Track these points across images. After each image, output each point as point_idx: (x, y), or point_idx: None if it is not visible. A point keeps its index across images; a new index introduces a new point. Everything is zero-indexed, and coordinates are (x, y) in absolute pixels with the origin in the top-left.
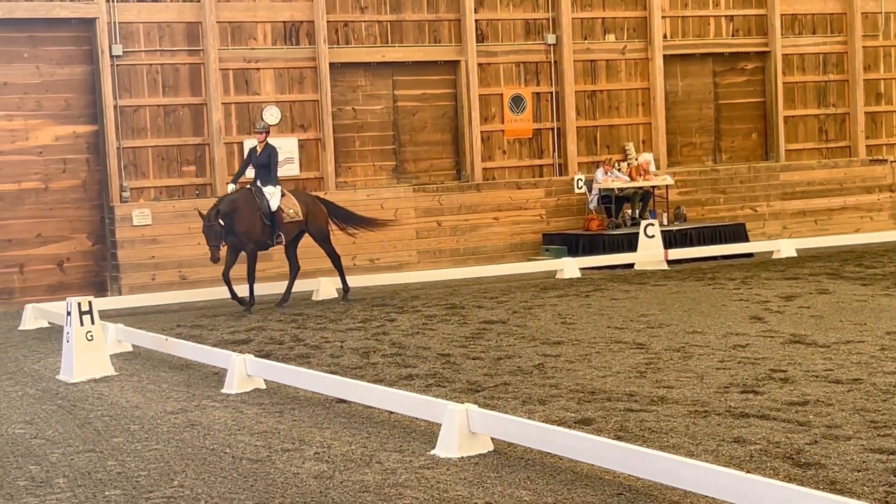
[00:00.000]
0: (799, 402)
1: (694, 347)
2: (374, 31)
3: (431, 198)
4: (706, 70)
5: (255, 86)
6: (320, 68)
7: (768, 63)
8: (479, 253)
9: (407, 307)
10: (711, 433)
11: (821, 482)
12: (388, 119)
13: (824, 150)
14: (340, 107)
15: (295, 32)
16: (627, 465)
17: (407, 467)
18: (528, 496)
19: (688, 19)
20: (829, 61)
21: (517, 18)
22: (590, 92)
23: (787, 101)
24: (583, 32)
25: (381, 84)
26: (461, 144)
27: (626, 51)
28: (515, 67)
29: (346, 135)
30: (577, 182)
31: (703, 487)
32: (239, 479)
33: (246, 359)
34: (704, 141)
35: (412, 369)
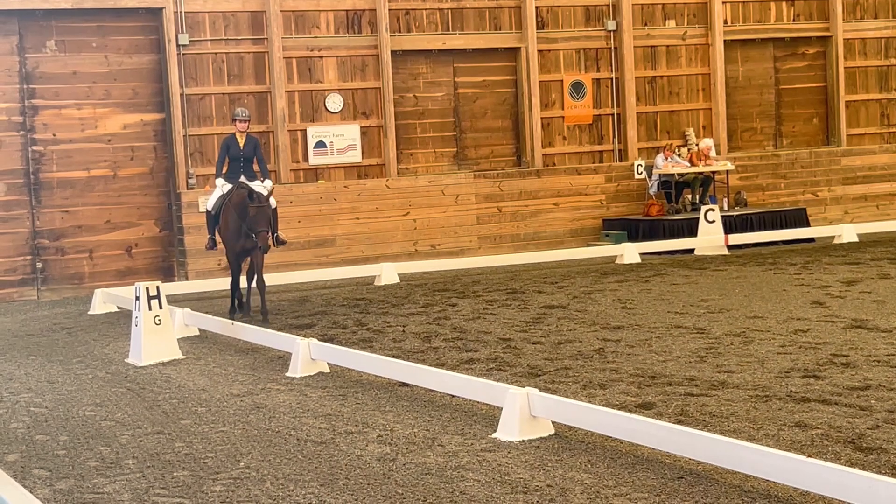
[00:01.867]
0: (860, 386)
1: (754, 332)
2: (435, 18)
3: (492, 184)
4: (767, 55)
5: (318, 74)
6: (382, 56)
7: (829, 48)
8: (539, 238)
9: (468, 292)
10: (772, 417)
11: (882, 467)
12: (448, 106)
13: (886, 135)
14: (402, 94)
15: (357, 21)
16: (688, 448)
17: (468, 450)
18: (588, 479)
19: (748, 4)
20: (891, 46)
21: (577, 5)
22: (650, 78)
23: (848, 85)
24: (643, 18)
25: (442, 71)
26: (521, 131)
27: (687, 36)
28: (575, 54)
29: (407, 122)
30: (637, 168)
31: (764, 471)
32: (303, 461)
33: (310, 343)
34: (765, 126)
35: (473, 353)
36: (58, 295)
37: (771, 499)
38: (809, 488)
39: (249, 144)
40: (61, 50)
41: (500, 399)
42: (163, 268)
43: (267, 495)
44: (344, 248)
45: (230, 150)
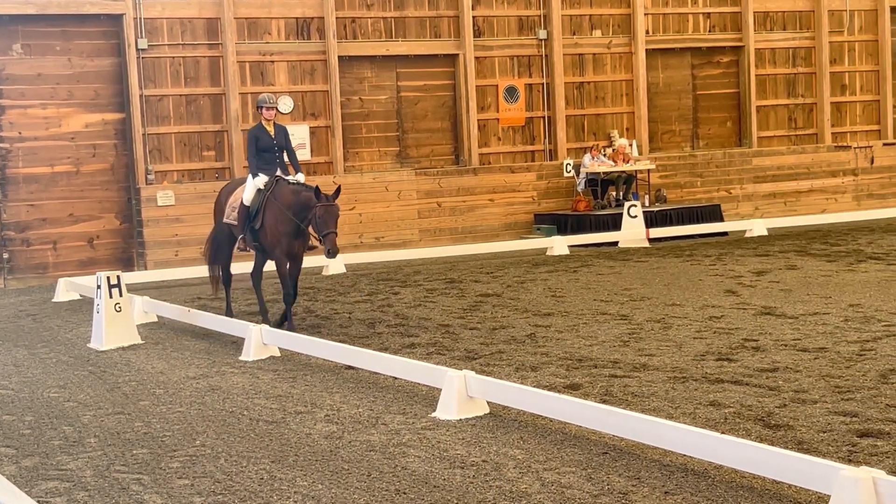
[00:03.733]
0: (769, 368)
1: (673, 319)
2: (380, 26)
3: (432, 181)
4: (685, 63)
5: (269, 77)
6: (330, 61)
7: (742, 57)
8: (475, 232)
9: (409, 281)
10: (689, 397)
11: (789, 442)
12: (392, 108)
13: (793, 137)
14: (348, 97)
15: (306, 28)
16: (612, 426)
17: (410, 428)
18: (520, 455)
19: (668, 16)
20: (798, 55)
21: (511, 15)
22: (578, 83)
23: (759, 92)
24: (571, 28)
25: (385, 76)
26: (459, 131)
27: (612, 45)
28: (510, 60)
29: (353, 122)
30: (566, 166)
31: (682, 447)
32: (256, 439)
33: (262, 329)
34: (683, 129)
35: (414, 338)
36: (23, 284)
37: (688, 472)
38: (723, 462)
39: (280, 133)
40: (27, 53)
41: (439, 381)
42: (123, 258)
43: (221, 471)
44: None
45: (259, 140)
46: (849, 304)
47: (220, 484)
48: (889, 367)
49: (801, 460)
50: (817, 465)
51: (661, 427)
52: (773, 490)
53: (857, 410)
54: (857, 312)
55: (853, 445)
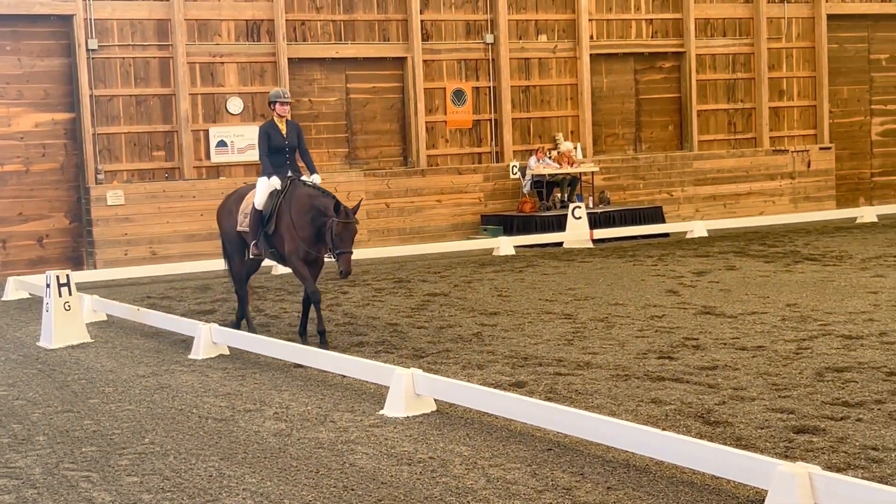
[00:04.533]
0: (709, 366)
1: (616, 318)
2: (329, 29)
3: (381, 181)
4: (628, 68)
5: (219, 78)
6: (279, 63)
7: (683, 62)
8: (423, 232)
9: (358, 281)
10: (631, 395)
11: (728, 439)
12: (341, 110)
13: (732, 141)
14: (298, 98)
15: (256, 30)
16: (556, 423)
17: (358, 426)
18: (467, 451)
19: (612, 22)
20: (737, 61)
21: (459, 19)
22: (524, 87)
23: (699, 96)
24: (518, 33)
25: (335, 78)
26: (408, 133)
27: (557, 50)
28: (457, 64)
29: (302, 123)
30: (512, 168)
31: (624, 443)
32: (205, 437)
33: (211, 327)
34: (626, 132)
35: (363, 337)
36: None
37: (630, 468)
38: (664, 458)
39: (292, 131)
40: None
41: (387, 379)
42: (72, 257)
43: (170, 469)
44: None
45: (271, 138)
46: (786, 303)
47: (168, 481)
48: (824, 366)
49: (739, 456)
50: (755, 461)
51: (604, 424)
52: (713, 485)
53: (793, 407)
54: (794, 312)
55: (790, 442)
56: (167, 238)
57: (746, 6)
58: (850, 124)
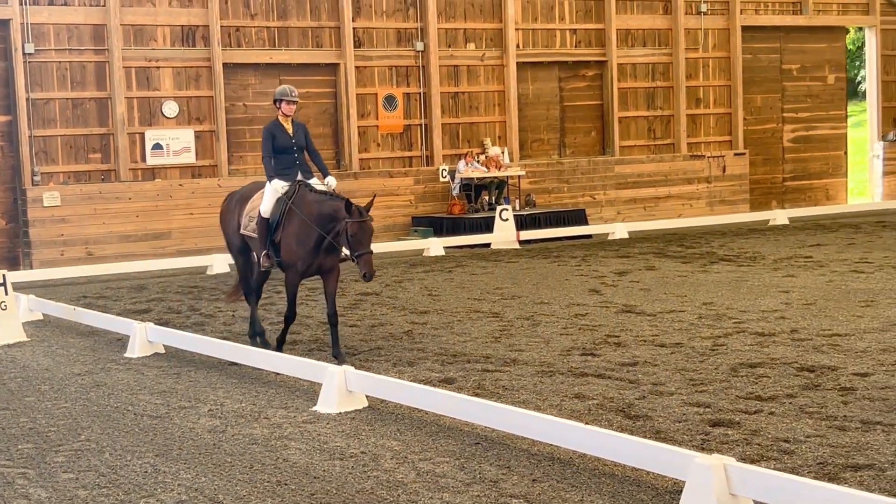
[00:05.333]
0: (630, 363)
1: (541, 316)
2: (263, 35)
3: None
4: (553, 76)
5: (155, 82)
6: (214, 68)
7: (605, 71)
8: None
9: None
10: (556, 390)
11: (648, 432)
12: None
13: (652, 147)
14: (233, 102)
15: (192, 35)
16: (484, 418)
17: (291, 422)
18: (397, 446)
19: (537, 31)
20: (656, 70)
21: (390, 27)
22: (453, 93)
23: (621, 104)
24: (447, 41)
25: (269, 83)
26: (340, 137)
27: (485, 58)
28: (388, 70)
29: (237, 127)
30: (441, 172)
31: (549, 437)
32: (140, 434)
33: (147, 326)
34: (551, 137)
35: (296, 335)
36: None
37: (555, 461)
38: (587, 451)
39: (299, 131)
40: None
41: (320, 376)
42: (9, 258)
43: (106, 465)
44: (179, 240)
45: (276, 139)
46: (702, 302)
47: (104, 477)
48: (739, 362)
49: (658, 449)
50: (673, 454)
51: (529, 418)
52: (633, 477)
53: (709, 402)
54: (710, 310)
55: (706, 434)
56: (103, 239)
57: (665, 18)
58: (763, 131)
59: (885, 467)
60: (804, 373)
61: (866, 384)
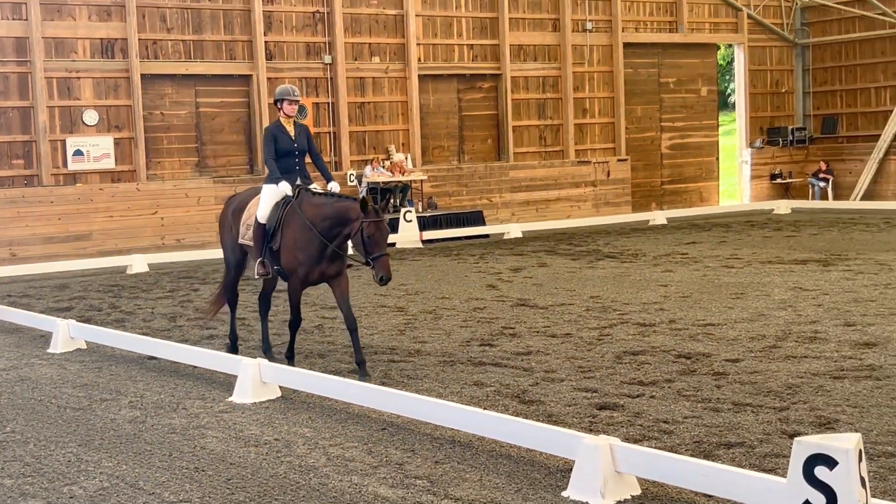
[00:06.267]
0: (524, 352)
1: (443, 310)
2: (179, 48)
3: (229, 187)
4: (452, 88)
5: (76, 92)
6: (133, 79)
7: (500, 83)
8: None
9: (209, 279)
10: (456, 378)
11: (541, 416)
12: (191, 122)
13: (543, 153)
14: (150, 111)
15: (111, 48)
16: (390, 405)
17: (208, 412)
18: (309, 433)
19: (437, 46)
20: (546, 83)
21: (300, 41)
22: (359, 103)
23: (514, 114)
24: (353, 54)
25: (185, 93)
26: (253, 144)
27: (389, 70)
28: (299, 81)
29: (155, 135)
30: (349, 176)
31: (450, 422)
32: (63, 425)
33: (69, 323)
34: (451, 144)
35: (213, 331)
36: None
37: (456, 444)
38: (485, 434)
39: (301, 134)
40: None
41: (235, 368)
42: None
43: (30, 455)
44: (100, 241)
45: (278, 141)
46: (589, 296)
47: (29, 467)
48: (623, 350)
49: (550, 431)
50: (564, 435)
51: (432, 405)
52: (528, 457)
53: (596, 387)
54: (597, 303)
55: (594, 417)
56: (26, 240)
57: (554, 35)
58: (643, 139)
59: (754, 445)
60: (681, 359)
61: (737, 369)
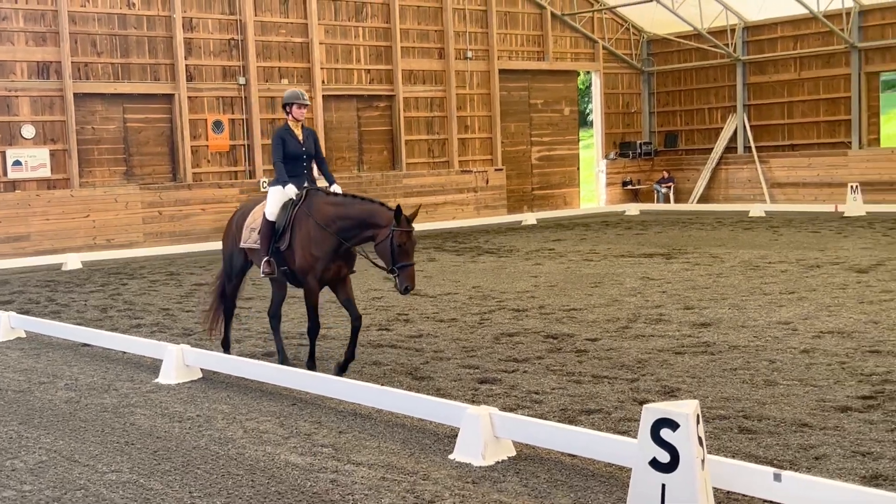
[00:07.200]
0: (416, 335)
1: None
2: (108, 70)
3: (154, 194)
4: (352, 107)
5: (14, 109)
6: (66, 97)
7: (394, 103)
8: (190, 234)
9: (136, 275)
10: (357, 359)
11: (431, 390)
12: (119, 136)
13: (431, 164)
14: (83, 125)
15: (46, 69)
16: (299, 383)
17: (137, 392)
18: (227, 409)
19: (339, 70)
20: (434, 103)
21: (217, 65)
22: (271, 119)
23: (407, 129)
24: (265, 77)
25: (114, 110)
26: (176, 155)
27: None
28: (216, 100)
29: (87, 147)
30: (262, 183)
31: (352, 397)
32: (5, 406)
33: (10, 315)
34: (352, 156)
35: (140, 320)
36: None
37: (357, 416)
38: (383, 407)
39: (309, 138)
40: None
41: (161, 353)
42: None
43: None
44: (37, 242)
45: (287, 145)
46: (472, 286)
47: None
48: (500, 332)
49: (438, 403)
50: (450, 407)
51: (336, 382)
52: (420, 426)
53: (478, 364)
54: (478, 292)
55: (476, 390)
56: None
57: (440, 61)
58: (516, 151)
59: (611, 411)
60: (549, 339)
61: (596, 347)
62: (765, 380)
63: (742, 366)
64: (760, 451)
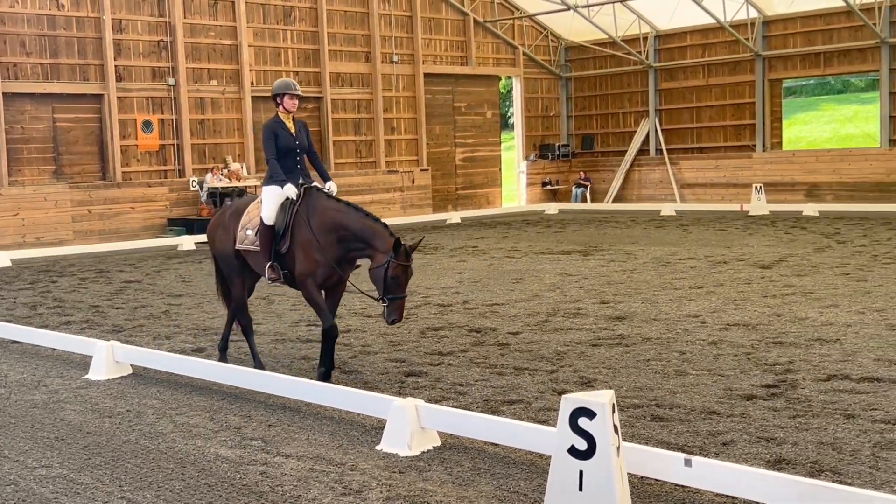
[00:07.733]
0: (344, 330)
1: (275, 296)
2: (38, 70)
3: (83, 192)
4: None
5: None
6: None
7: (322, 105)
8: (120, 232)
9: (66, 272)
10: (287, 354)
11: (358, 383)
12: (49, 135)
13: (359, 164)
14: (12, 125)
15: None
16: (229, 378)
17: (67, 388)
18: (157, 404)
19: (267, 72)
20: (361, 105)
21: (146, 65)
22: (200, 120)
23: (335, 130)
24: (194, 78)
25: (43, 109)
26: (106, 154)
27: (226, 92)
28: (146, 100)
29: (17, 146)
30: (191, 183)
31: (281, 391)
32: None
33: None
34: None
35: (70, 317)
36: None
37: (286, 409)
38: (311, 400)
39: (301, 130)
40: None
41: (91, 349)
42: None
43: None
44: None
45: (279, 138)
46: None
47: None
48: (426, 326)
49: (365, 396)
50: (377, 399)
51: (265, 377)
52: (348, 418)
53: (405, 357)
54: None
55: (402, 383)
56: None
57: (367, 65)
58: (441, 153)
59: (531, 401)
60: (473, 333)
61: (517, 340)
62: (676, 370)
63: (654, 357)
64: (672, 438)
